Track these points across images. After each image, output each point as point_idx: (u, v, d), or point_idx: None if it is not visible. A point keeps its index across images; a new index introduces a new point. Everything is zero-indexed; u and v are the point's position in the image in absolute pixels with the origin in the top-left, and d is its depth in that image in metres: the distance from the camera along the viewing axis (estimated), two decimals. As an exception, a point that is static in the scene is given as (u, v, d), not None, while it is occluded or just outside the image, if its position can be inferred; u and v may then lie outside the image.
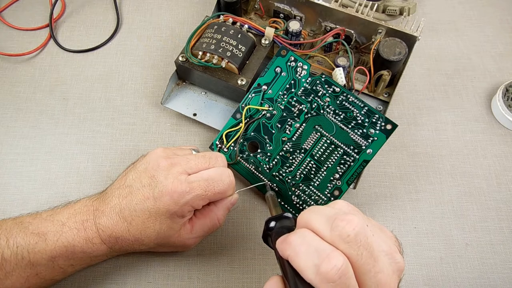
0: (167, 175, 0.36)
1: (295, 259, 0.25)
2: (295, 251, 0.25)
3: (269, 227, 0.30)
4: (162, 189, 0.35)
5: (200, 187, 0.36)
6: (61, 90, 0.54)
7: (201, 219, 0.40)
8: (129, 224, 0.36)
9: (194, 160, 0.38)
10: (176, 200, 0.35)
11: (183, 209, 0.36)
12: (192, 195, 0.36)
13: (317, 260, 0.24)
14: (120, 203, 0.37)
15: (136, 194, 0.36)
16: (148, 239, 0.37)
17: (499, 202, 0.46)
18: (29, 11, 0.60)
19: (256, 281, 0.42)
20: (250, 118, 0.45)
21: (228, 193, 0.39)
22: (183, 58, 0.48)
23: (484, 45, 0.57)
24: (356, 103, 0.43)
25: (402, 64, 0.48)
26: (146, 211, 0.36)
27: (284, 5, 0.52)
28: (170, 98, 0.51)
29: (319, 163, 0.43)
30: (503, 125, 0.51)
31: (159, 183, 0.36)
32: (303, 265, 0.25)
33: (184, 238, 0.39)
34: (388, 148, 0.49)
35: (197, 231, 0.39)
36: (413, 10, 0.49)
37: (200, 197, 0.36)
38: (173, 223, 0.37)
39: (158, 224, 0.36)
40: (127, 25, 0.59)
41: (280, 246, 0.27)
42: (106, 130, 0.51)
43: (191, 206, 0.37)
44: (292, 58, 0.45)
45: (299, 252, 0.25)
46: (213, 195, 0.37)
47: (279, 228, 0.30)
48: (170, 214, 0.36)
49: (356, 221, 0.25)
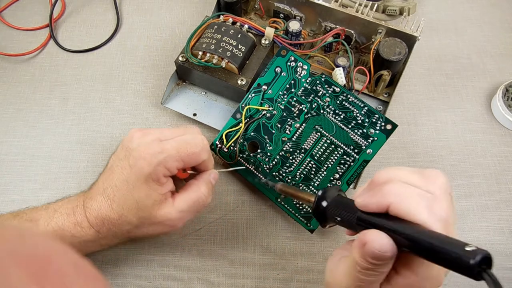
0: (139, 142, 0.37)
1: (402, 204, 0.25)
2: (401, 197, 0.25)
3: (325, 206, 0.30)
4: (135, 155, 0.36)
5: (173, 148, 0.37)
6: (61, 90, 0.54)
7: (183, 194, 0.39)
8: (112, 201, 0.37)
9: (168, 131, 0.39)
10: (149, 161, 0.36)
11: (157, 171, 0.36)
12: (165, 155, 0.36)
13: (427, 203, 0.25)
14: (103, 184, 0.38)
15: (115, 171, 0.37)
16: (130, 212, 0.37)
17: (499, 202, 0.46)
18: (29, 11, 0.60)
19: (256, 281, 0.42)
20: (250, 118, 0.45)
21: (203, 156, 0.39)
22: (183, 58, 0.48)
23: (484, 45, 0.57)
24: (356, 103, 0.43)
25: (402, 64, 0.48)
26: (125, 182, 0.36)
27: (284, 5, 0.52)
28: (170, 98, 0.51)
29: (319, 163, 0.43)
30: (503, 125, 0.51)
31: (133, 151, 0.37)
32: (414, 207, 0.25)
33: (166, 211, 0.38)
34: (388, 148, 0.49)
35: (180, 204, 0.38)
36: (413, 10, 0.49)
37: (173, 157, 0.36)
38: (150, 189, 0.36)
39: (136, 192, 0.36)
40: (127, 25, 0.59)
41: (372, 199, 0.26)
42: (106, 130, 0.51)
43: (165, 167, 0.36)
44: (292, 58, 0.45)
45: (405, 198, 0.25)
46: (187, 156, 0.37)
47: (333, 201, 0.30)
48: (145, 178, 0.36)
49: (442, 173, 0.26)
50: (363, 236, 0.25)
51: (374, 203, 0.26)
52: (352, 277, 0.27)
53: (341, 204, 0.30)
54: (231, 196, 0.47)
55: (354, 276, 0.27)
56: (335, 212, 0.30)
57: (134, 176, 0.36)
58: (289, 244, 0.44)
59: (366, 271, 0.26)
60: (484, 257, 0.21)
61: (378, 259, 0.25)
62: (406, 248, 0.24)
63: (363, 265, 0.26)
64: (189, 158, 0.38)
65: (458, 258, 0.22)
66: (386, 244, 0.24)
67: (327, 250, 0.44)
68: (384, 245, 0.24)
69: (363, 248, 0.25)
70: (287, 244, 0.44)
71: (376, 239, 0.24)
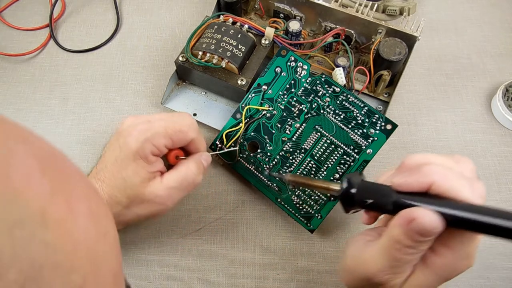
0: (129, 125, 0.38)
1: (446, 181, 0.26)
2: (444, 176, 0.26)
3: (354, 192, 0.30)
4: (125, 134, 0.37)
5: (160, 126, 0.37)
6: (61, 90, 0.54)
7: (172, 171, 0.39)
8: (102, 182, 0.37)
9: (158, 114, 0.40)
10: (136, 137, 0.36)
11: (144, 147, 0.36)
12: (152, 132, 0.37)
13: (468, 181, 0.26)
14: (96, 168, 0.39)
15: (107, 154, 0.38)
16: (118, 191, 0.37)
17: (499, 202, 0.46)
18: (29, 11, 0.60)
19: (256, 281, 0.42)
20: (250, 118, 0.45)
21: (190, 134, 0.39)
22: (183, 58, 0.48)
23: (484, 45, 0.57)
24: (356, 103, 0.43)
25: (402, 64, 0.48)
26: (114, 162, 0.37)
27: (284, 5, 0.52)
28: (170, 98, 0.51)
29: (319, 163, 0.43)
30: (503, 125, 0.51)
31: (123, 131, 0.38)
32: (459, 184, 0.26)
33: (155, 188, 0.37)
34: (388, 148, 0.49)
35: (168, 180, 0.38)
36: (413, 10, 0.49)
37: (161, 134, 0.37)
38: (137, 166, 0.36)
39: (124, 170, 0.36)
40: (127, 25, 0.59)
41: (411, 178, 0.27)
42: (106, 130, 0.51)
43: (152, 144, 0.37)
44: (292, 58, 0.45)
45: (449, 176, 0.26)
46: (174, 133, 0.38)
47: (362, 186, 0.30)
48: (133, 155, 0.36)
49: (471, 160, 0.28)
50: (408, 214, 0.25)
51: (415, 181, 0.27)
52: (388, 257, 0.27)
53: (372, 188, 0.30)
54: (231, 196, 0.47)
55: (391, 256, 0.27)
56: (366, 195, 0.30)
57: (123, 154, 0.36)
58: (289, 244, 0.44)
59: (407, 249, 0.26)
60: None
61: (426, 235, 0.25)
62: (453, 224, 0.25)
63: (406, 242, 0.26)
64: (177, 136, 0.38)
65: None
66: (436, 220, 0.25)
67: (327, 250, 0.44)
68: (434, 220, 0.25)
69: (410, 225, 0.25)
70: (287, 244, 0.44)
71: (425, 215, 0.25)
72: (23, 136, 0.18)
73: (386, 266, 0.27)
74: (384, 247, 0.27)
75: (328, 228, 0.45)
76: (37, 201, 0.15)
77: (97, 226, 0.18)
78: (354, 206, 0.31)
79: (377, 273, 0.27)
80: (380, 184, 0.29)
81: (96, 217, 0.19)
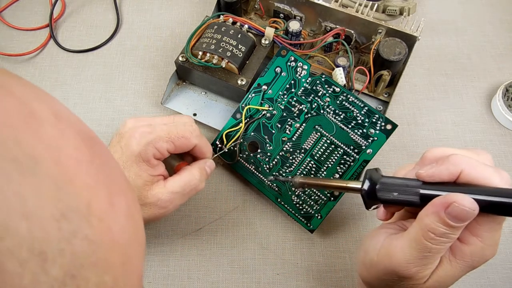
0: (131, 127, 0.38)
1: (475, 170, 0.26)
2: (472, 165, 0.26)
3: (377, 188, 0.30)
4: (127, 136, 0.37)
5: (163, 130, 0.37)
6: (61, 90, 0.54)
7: (175, 176, 0.39)
8: None
9: (160, 118, 0.40)
10: (138, 140, 0.36)
11: (146, 150, 0.36)
12: (155, 135, 0.37)
13: (495, 169, 0.26)
14: None
15: None
16: None
17: (499, 202, 0.46)
18: (29, 11, 0.60)
19: (256, 281, 0.42)
20: (250, 118, 0.45)
21: (193, 140, 0.39)
22: (183, 58, 0.48)
23: (484, 45, 0.57)
24: (356, 103, 0.43)
25: (402, 64, 0.48)
26: None
27: (284, 5, 0.52)
28: (170, 98, 0.51)
29: (319, 163, 0.43)
30: (503, 125, 0.51)
31: (124, 134, 0.38)
32: (487, 172, 0.26)
33: (157, 192, 0.37)
34: (388, 148, 0.49)
35: (171, 185, 0.38)
36: (413, 10, 0.49)
37: (163, 138, 0.37)
38: (139, 169, 0.37)
39: (126, 172, 0.36)
40: (127, 25, 0.59)
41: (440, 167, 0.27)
42: (106, 130, 0.51)
43: (155, 147, 0.37)
44: (292, 58, 0.45)
45: (477, 165, 0.26)
46: (177, 138, 0.38)
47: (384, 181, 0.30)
48: (135, 158, 0.36)
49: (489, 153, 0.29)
50: (445, 199, 0.26)
51: (445, 170, 0.27)
52: (419, 248, 0.27)
53: (395, 182, 0.30)
54: (231, 196, 0.47)
55: (422, 246, 0.27)
56: (390, 190, 0.30)
57: (125, 156, 0.36)
58: (289, 244, 0.44)
59: (440, 238, 0.26)
60: None
61: (463, 220, 0.25)
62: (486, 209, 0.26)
63: (440, 230, 0.26)
64: (180, 141, 0.38)
65: None
66: (473, 202, 0.25)
67: (327, 250, 0.44)
68: (472, 202, 0.25)
69: (447, 210, 0.25)
70: (287, 244, 0.44)
71: (464, 198, 0.25)
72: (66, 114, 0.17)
73: (416, 258, 0.27)
74: (414, 238, 0.27)
75: (328, 228, 0.45)
76: (85, 192, 0.15)
77: (132, 225, 0.17)
78: (376, 202, 0.31)
79: (406, 265, 0.27)
80: (403, 177, 0.29)
81: (132, 215, 0.18)
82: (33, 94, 0.16)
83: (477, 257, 0.27)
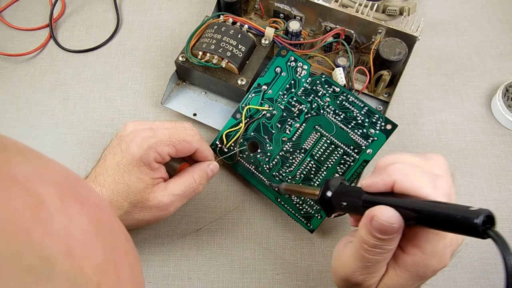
0: (132, 131, 0.38)
1: (407, 180, 0.26)
2: (405, 174, 0.26)
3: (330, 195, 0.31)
4: (127, 139, 0.37)
5: (164, 134, 0.38)
6: (61, 90, 0.54)
7: (176, 178, 0.39)
8: (103, 187, 0.37)
9: (160, 122, 0.40)
10: (140, 143, 0.36)
11: (148, 154, 0.36)
12: (156, 139, 0.37)
13: (430, 178, 0.26)
14: (95, 172, 0.38)
15: (107, 158, 0.38)
16: (121, 196, 0.37)
17: (499, 202, 0.46)
18: (29, 11, 0.60)
19: (256, 281, 0.42)
20: (250, 118, 0.45)
21: (195, 144, 0.39)
22: (183, 58, 0.48)
23: (484, 45, 0.57)
24: (356, 103, 0.43)
25: (402, 64, 0.48)
26: (116, 166, 0.37)
27: (284, 5, 0.52)
28: (170, 98, 0.51)
29: (319, 163, 0.43)
30: (503, 125, 0.51)
31: (125, 137, 0.38)
32: (419, 182, 0.26)
33: (158, 195, 0.38)
34: (388, 148, 0.49)
35: (172, 188, 0.38)
36: (413, 10, 0.49)
37: (165, 142, 0.37)
38: (141, 173, 0.37)
39: (127, 176, 0.36)
40: (127, 25, 0.59)
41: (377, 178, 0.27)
42: (106, 130, 0.51)
43: (156, 151, 0.37)
44: (292, 58, 0.45)
45: (410, 174, 0.26)
46: (178, 142, 0.38)
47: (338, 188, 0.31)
48: (136, 161, 0.36)
49: (442, 156, 0.28)
50: (369, 212, 0.26)
51: (379, 181, 0.27)
52: (359, 258, 0.27)
53: (346, 190, 0.31)
54: (231, 196, 0.47)
55: (361, 256, 0.27)
56: (341, 198, 0.31)
57: (126, 159, 0.36)
58: (289, 244, 0.44)
59: (373, 248, 0.26)
60: (488, 216, 0.22)
61: (385, 233, 0.25)
62: (412, 221, 0.25)
63: (370, 242, 0.26)
64: (181, 145, 0.38)
65: (463, 219, 0.22)
66: (393, 216, 0.25)
67: (327, 250, 0.44)
68: (391, 216, 0.25)
69: (371, 223, 0.25)
70: (287, 244, 0.44)
71: (383, 211, 0.25)
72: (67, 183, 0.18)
73: (359, 267, 0.28)
74: (355, 249, 0.28)
75: (328, 228, 0.45)
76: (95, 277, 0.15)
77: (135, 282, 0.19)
78: (334, 210, 0.31)
79: (352, 273, 0.28)
80: (354, 186, 0.30)
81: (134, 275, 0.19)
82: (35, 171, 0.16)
83: (421, 267, 0.27)
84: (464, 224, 0.22)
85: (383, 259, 0.27)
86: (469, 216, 0.22)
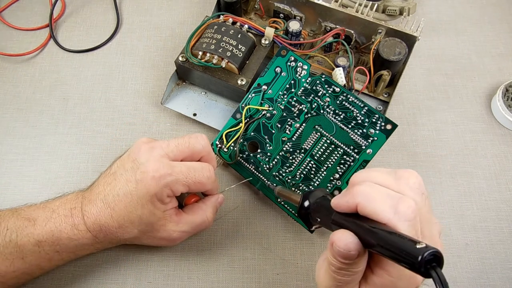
0: (148, 157, 0.37)
1: (368, 204, 0.25)
2: (367, 197, 0.26)
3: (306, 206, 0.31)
4: (144, 170, 0.36)
5: (182, 173, 0.37)
6: (61, 90, 0.54)
7: (190, 215, 0.40)
8: (112, 210, 0.37)
9: (174, 142, 0.38)
10: (157, 180, 0.36)
11: (162, 192, 0.36)
12: (173, 177, 0.36)
13: (392, 202, 0.25)
14: (104, 189, 0.37)
15: (119, 180, 0.37)
16: (132, 224, 0.37)
17: (499, 202, 0.46)
18: (29, 11, 0.60)
19: (256, 281, 0.42)
20: (250, 118, 0.45)
21: (208, 186, 0.39)
22: (183, 58, 0.48)
23: (484, 45, 0.57)
24: (356, 103, 0.43)
25: (402, 64, 0.48)
26: (129, 195, 0.36)
27: (284, 5, 0.52)
28: (170, 98, 0.51)
29: (319, 163, 0.43)
30: (503, 125, 0.51)
31: (141, 165, 0.36)
32: (379, 207, 0.25)
33: (169, 229, 0.38)
34: (388, 148, 0.49)
35: (184, 225, 0.39)
36: (413, 10, 0.49)
37: (181, 182, 0.37)
38: (154, 208, 0.37)
39: (140, 208, 0.36)
40: (127, 25, 0.59)
41: (343, 198, 0.27)
42: (106, 130, 0.51)
43: (171, 189, 0.36)
44: (292, 58, 0.45)
45: (372, 198, 0.25)
46: (194, 183, 0.38)
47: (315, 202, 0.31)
48: (150, 196, 0.36)
49: (416, 173, 0.27)
50: (331, 236, 0.26)
51: (344, 203, 0.27)
52: (331, 277, 0.27)
53: (321, 206, 0.31)
54: (231, 196, 0.47)
55: (331, 276, 0.27)
56: (316, 213, 0.31)
57: (140, 192, 0.36)
58: (289, 244, 0.44)
59: (340, 270, 0.26)
60: (433, 255, 0.21)
61: (345, 258, 0.25)
62: (369, 248, 0.25)
63: (336, 264, 0.26)
64: (195, 186, 0.38)
65: (407, 254, 0.22)
66: (350, 243, 0.25)
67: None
68: (348, 244, 0.25)
69: (332, 248, 0.25)
70: (287, 244, 0.44)
71: (341, 238, 0.25)
72: None
73: (332, 285, 0.28)
74: (326, 268, 0.28)
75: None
76: None
77: None
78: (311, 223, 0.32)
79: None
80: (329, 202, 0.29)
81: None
82: None
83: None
84: (408, 259, 0.22)
85: (351, 280, 0.27)
86: (413, 253, 0.21)
